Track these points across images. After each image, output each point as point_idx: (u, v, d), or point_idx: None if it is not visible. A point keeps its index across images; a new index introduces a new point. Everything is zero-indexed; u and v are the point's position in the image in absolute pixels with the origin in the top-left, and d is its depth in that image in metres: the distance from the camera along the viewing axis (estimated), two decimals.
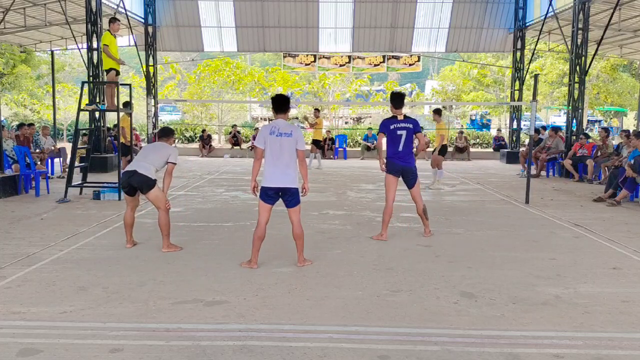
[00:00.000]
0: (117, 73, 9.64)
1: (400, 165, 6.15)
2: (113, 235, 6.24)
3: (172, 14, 18.64)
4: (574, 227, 7.01)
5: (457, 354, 3.23)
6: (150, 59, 18.29)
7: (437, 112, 11.02)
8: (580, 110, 14.29)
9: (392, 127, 6.09)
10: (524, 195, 9.04)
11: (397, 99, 6.24)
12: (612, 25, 14.91)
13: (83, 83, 10.49)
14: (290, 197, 4.91)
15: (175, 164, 5.67)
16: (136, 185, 5.52)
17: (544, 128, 16.02)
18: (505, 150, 18.17)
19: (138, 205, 5.85)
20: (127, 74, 29.17)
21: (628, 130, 12.91)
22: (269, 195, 4.89)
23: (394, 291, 4.37)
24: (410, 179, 6.24)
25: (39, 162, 10.89)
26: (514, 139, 18.18)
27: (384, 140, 6.24)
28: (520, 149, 16.37)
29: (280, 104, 4.98)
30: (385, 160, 6.25)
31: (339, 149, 19.12)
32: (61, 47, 21.85)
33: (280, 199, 4.96)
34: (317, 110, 16.57)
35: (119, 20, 9.88)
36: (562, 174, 13.15)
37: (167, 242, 5.58)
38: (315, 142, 15.08)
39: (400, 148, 6.11)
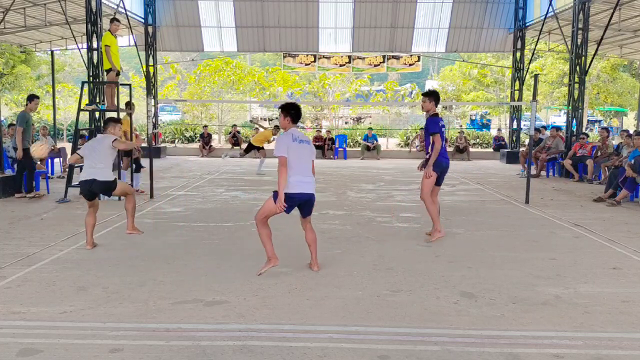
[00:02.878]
0: (118, 73, 9.64)
1: (447, 163, 6.09)
2: (113, 235, 6.25)
3: (172, 14, 18.65)
4: (574, 227, 7.01)
5: (457, 354, 3.23)
6: (150, 59, 18.31)
7: None
8: (580, 110, 14.29)
9: (441, 124, 6.03)
10: (524, 195, 9.04)
11: (439, 97, 6.16)
12: (612, 25, 14.92)
13: (83, 83, 10.49)
14: (311, 206, 4.82)
15: (117, 140, 5.69)
16: (99, 192, 5.66)
17: (545, 128, 16.02)
18: (505, 150, 18.18)
19: (98, 205, 5.84)
20: (127, 74, 29.18)
21: (628, 130, 12.91)
22: (293, 203, 4.66)
23: (394, 291, 4.36)
24: (443, 176, 6.17)
25: (39, 162, 10.88)
26: (514, 139, 18.18)
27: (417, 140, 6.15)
28: (520, 149, 16.37)
29: (299, 114, 4.79)
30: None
31: (339, 149, 19.12)
32: (61, 47, 21.85)
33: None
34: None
35: (119, 21, 9.89)
36: (562, 174, 13.15)
37: (132, 223, 5.96)
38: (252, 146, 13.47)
39: (445, 145, 6.04)
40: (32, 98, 9.16)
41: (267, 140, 13.21)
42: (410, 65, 20.32)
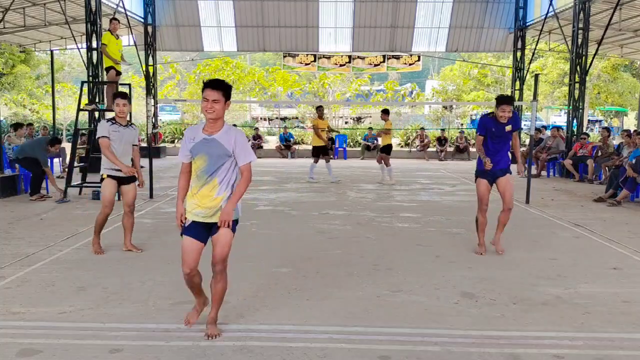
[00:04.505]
0: (118, 72, 9.64)
1: None
2: (113, 235, 6.23)
3: (172, 13, 18.64)
4: (575, 227, 7.00)
5: (457, 355, 3.23)
6: (150, 58, 18.30)
7: (386, 112, 11.28)
8: (580, 110, 14.29)
9: None
10: (524, 195, 9.02)
11: None
12: (613, 25, 14.90)
13: (82, 83, 10.49)
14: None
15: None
16: None
17: (545, 127, 16.00)
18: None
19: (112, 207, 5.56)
20: (127, 73, 29.20)
21: (629, 130, 12.90)
22: None
23: (394, 291, 4.36)
24: None
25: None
26: None
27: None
28: (521, 149, 16.35)
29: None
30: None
31: (339, 149, 19.11)
32: (60, 47, 21.85)
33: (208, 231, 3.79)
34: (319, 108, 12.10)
35: (117, 20, 9.89)
36: (562, 174, 13.14)
37: (127, 240, 5.55)
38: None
39: None
40: (54, 143, 9.34)
41: (320, 129, 11.28)
42: (410, 65, 20.31)
